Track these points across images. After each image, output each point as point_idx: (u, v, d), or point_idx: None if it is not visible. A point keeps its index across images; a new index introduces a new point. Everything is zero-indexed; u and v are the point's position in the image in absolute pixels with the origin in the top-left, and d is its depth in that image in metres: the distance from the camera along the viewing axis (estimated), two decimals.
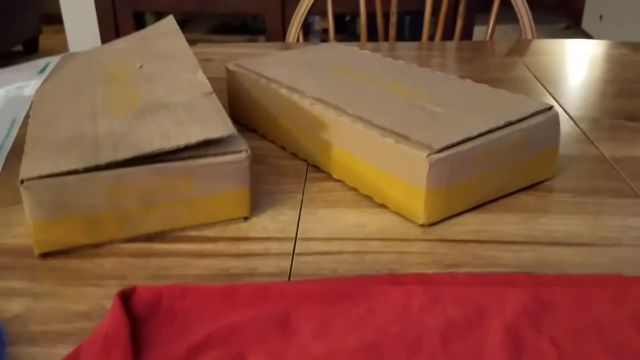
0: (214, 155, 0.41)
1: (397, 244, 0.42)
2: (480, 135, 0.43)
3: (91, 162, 0.38)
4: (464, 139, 0.42)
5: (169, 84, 0.48)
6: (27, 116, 0.46)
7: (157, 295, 0.34)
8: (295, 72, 0.56)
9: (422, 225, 0.43)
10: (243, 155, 0.41)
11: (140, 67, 0.52)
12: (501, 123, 0.44)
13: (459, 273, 0.37)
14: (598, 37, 3.09)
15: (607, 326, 0.33)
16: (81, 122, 0.43)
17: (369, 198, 0.47)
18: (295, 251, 0.41)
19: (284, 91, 0.53)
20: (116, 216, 0.40)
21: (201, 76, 0.48)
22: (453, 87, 0.52)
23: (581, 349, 0.31)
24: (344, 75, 0.56)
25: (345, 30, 2.17)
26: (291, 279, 0.38)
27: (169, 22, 0.59)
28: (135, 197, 0.39)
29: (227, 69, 0.60)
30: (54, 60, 0.57)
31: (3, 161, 0.44)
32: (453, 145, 0.42)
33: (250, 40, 2.18)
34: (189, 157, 0.40)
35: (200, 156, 0.40)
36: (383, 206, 0.46)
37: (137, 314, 0.33)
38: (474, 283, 0.36)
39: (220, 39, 2.20)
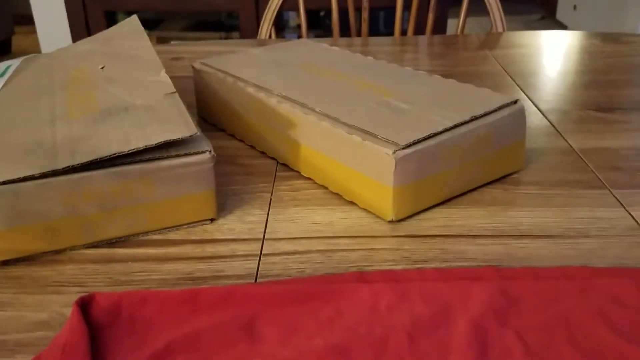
0: (176, 157, 0.40)
1: (366, 241, 0.41)
2: (445, 130, 0.43)
3: (48, 168, 0.37)
4: (429, 135, 0.42)
5: (130, 85, 0.47)
6: None
7: (116, 303, 0.33)
8: (262, 70, 0.56)
9: (390, 222, 0.43)
10: (206, 156, 0.41)
11: (102, 68, 0.51)
12: (466, 118, 0.44)
13: (427, 269, 0.37)
14: (573, 27, 3.12)
15: (573, 319, 0.33)
16: (40, 127, 0.42)
17: (338, 196, 0.47)
18: (263, 252, 0.40)
19: (250, 90, 0.52)
20: (76, 222, 0.39)
21: (164, 76, 0.47)
22: (420, 83, 0.52)
23: (547, 343, 0.31)
24: (311, 73, 0.55)
25: (321, 26, 2.16)
26: (258, 280, 0.38)
27: (133, 22, 0.58)
28: (95, 203, 0.38)
29: (193, 67, 0.59)
30: (14, 63, 0.55)
31: None
32: (419, 142, 0.42)
33: (226, 37, 2.16)
34: (149, 160, 0.39)
35: (161, 158, 0.39)
36: (352, 203, 0.45)
37: (96, 322, 0.32)
38: (441, 278, 0.36)
39: (196, 36, 2.17)
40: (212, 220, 0.44)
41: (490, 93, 0.49)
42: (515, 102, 0.47)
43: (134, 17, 0.58)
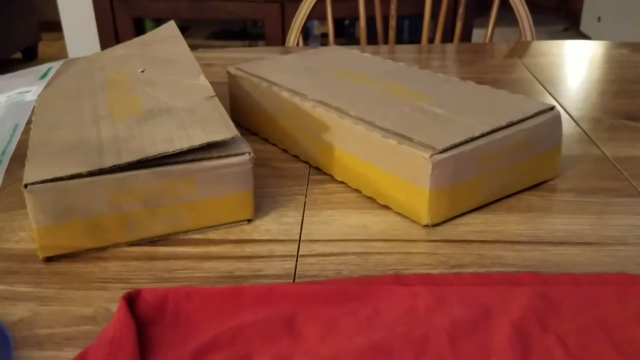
0: (217, 158, 0.41)
1: (402, 245, 0.41)
2: (482, 135, 0.43)
3: (95, 166, 0.38)
4: (466, 140, 0.42)
5: (171, 88, 0.48)
6: (29, 122, 0.46)
7: (162, 298, 0.34)
8: (296, 75, 0.56)
9: (425, 226, 0.43)
10: (246, 157, 0.41)
11: (142, 71, 0.52)
12: (503, 123, 0.44)
13: (465, 273, 0.37)
14: (596, 39, 3.09)
15: (612, 324, 0.33)
16: (84, 127, 0.43)
17: (372, 199, 0.47)
18: (300, 253, 0.41)
19: (285, 94, 0.53)
20: (120, 220, 0.40)
21: (203, 80, 0.48)
22: (454, 89, 0.52)
23: (588, 347, 0.31)
24: (344, 78, 0.56)
25: (345, 35, 2.17)
26: (296, 280, 0.38)
27: (170, 28, 0.59)
28: (139, 201, 0.39)
29: (228, 72, 0.60)
30: (55, 65, 0.57)
31: (6, 167, 0.44)
32: (456, 146, 0.42)
33: (250, 45, 2.18)
34: (192, 160, 0.40)
35: (203, 159, 0.40)
36: (386, 207, 0.46)
37: (142, 317, 0.33)
38: (480, 283, 0.36)
39: (220, 44, 2.20)
40: (249, 220, 0.44)
41: (526, 99, 0.49)
42: (552, 108, 0.47)
43: (172, 23, 0.59)
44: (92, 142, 0.41)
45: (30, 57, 3.20)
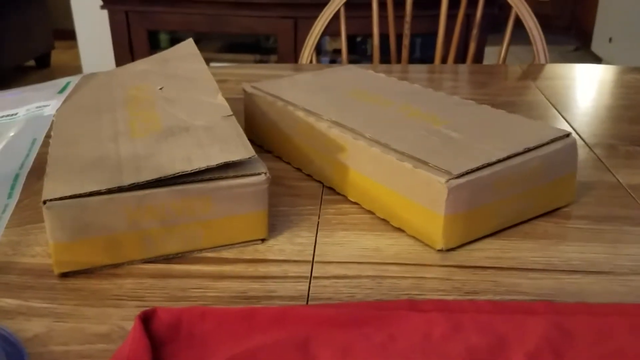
0: (234, 177, 0.41)
1: (415, 269, 0.41)
2: (499, 161, 0.43)
3: (114, 184, 0.38)
4: (482, 165, 0.42)
5: (189, 106, 0.49)
6: (47, 136, 0.47)
7: (177, 318, 0.34)
8: (312, 95, 0.57)
9: (440, 251, 0.43)
10: (262, 177, 0.42)
11: (161, 89, 0.53)
12: (520, 149, 0.44)
13: (480, 300, 0.37)
14: (607, 60, 3.10)
15: (628, 355, 0.33)
16: (103, 143, 0.43)
17: (385, 222, 0.47)
18: (313, 274, 0.41)
19: (300, 113, 0.53)
20: (137, 237, 0.40)
21: (221, 99, 0.49)
22: (470, 113, 0.52)
23: None
24: (360, 99, 0.56)
25: (357, 51, 2.18)
26: (310, 302, 0.38)
27: (189, 45, 0.60)
28: (156, 219, 0.40)
29: (244, 90, 0.60)
30: (74, 80, 0.57)
31: (23, 180, 0.44)
32: (472, 171, 0.42)
33: (262, 60, 2.20)
34: (209, 179, 0.40)
35: (220, 178, 0.41)
36: (400, 230, 0.46)
37: (157, 336, 0.33)
38: (495, 311, 0.36)
39: (231, 57, 2.21)
40: (263, 240, 0.44)
41: (542, 125, 0.49)
42: (568, 135, 0.47)
43: (190, 41, 0.60)
44: (111, 159, 0.41)
45: (43, 65, 3.23)
